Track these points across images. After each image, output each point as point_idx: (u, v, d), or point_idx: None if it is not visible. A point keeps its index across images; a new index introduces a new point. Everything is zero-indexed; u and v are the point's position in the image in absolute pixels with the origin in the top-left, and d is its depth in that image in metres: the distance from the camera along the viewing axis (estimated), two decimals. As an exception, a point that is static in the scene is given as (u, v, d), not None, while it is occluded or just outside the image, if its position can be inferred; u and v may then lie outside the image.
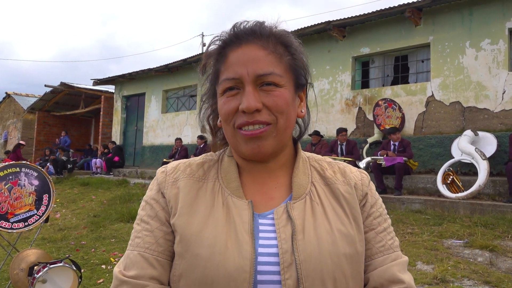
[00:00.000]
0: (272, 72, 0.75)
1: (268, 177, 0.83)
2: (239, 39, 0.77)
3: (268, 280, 0.71)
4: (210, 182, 0.81)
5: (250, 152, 0.76)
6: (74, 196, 9.13)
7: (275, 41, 0.78)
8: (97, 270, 4.16)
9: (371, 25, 8.32)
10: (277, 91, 0.75)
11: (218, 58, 0.79)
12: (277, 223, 0.75)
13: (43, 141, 17.40)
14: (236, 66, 0.75)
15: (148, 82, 13.39)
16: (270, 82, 0.75)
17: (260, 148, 0.75)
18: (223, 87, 0.77)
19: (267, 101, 0.75)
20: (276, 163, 0.83)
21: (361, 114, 8.38)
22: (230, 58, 0.77)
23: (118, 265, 0.78)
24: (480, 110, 6.91)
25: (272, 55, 0.76)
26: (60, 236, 5.69)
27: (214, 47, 0.80)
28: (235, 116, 0.75)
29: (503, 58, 6.73)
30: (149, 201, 0.82)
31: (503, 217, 4.93)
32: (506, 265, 3.65)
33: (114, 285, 0.75)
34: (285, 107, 0.76)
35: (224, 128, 0.80)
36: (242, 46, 0.76)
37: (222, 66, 0.78)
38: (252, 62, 0.74)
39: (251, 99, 0.73)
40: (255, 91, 0.74)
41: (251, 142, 0.75)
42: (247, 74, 0.74)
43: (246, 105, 0.73)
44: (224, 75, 0.77)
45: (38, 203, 3.53)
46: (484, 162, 5.91)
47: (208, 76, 0.83)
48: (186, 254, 0.73)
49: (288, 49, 0.79)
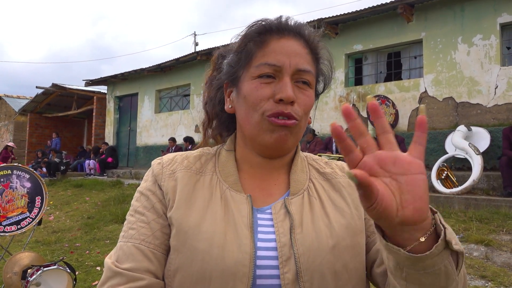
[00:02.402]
0: (310, 71, 0.76)
1: (268, 173, 0.81)
2: (282, 30, 0.76)
3: (267, 274, 0.70)
4: (208, 175, 0.79)
5: (274, 141, 0.74)
6: (68, 198, 9.05)
7: (312, 45, 0.79)
8: (91, 272, 4.12)
9: (364, 22, 8.33)
10: (309, 91, 0.76)
11: (256, 41, 0.76)
12: (275, 217, 0.74)
13: (35, 143, 17.23)
14: (278, 54, 0.74)
15: (141, 82, 13.32)
16: (306, 80, 0.75)
17: (286, 138, 0.74)
18: (260, 71, 0.74)
19: (300, 97, 0.75)
20: (280, 162, 0.82)
21: (355, 111, 8.38)
22: (272, 45, 0.75)
23: (109, 257, 0.75)
24: (473, 105, 6.95)
25: (310, 56, 0.78)
26: (54, 238, 5.63)
27: (254, 29, 0.77)
28: (266, 104, 0.73)
29: (495, 53, 6.77)
30: (144, 192, 0.79)
31: (497, 211, 4.95)
32: (501, 259, 3.67)
33: (106, 276, 0.71)
34: (310, 109, 0.77)
35: (246, 115, 0.76)
36: (285, 37, 0.76)
37: (260, 51, 0.75)
38: (295, 55, 0.75)
39: (290, 90, 0.72)
40: (291, 83, 0.74)
41: (280, 131, 0.74)
42: (289, 65, 0.74)
43: (286, 95, 0.72)
44: (262, 59, 0.75)
45: (31, 206, 3.49)
46: (478, 157, 5.95)
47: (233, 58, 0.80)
48: (183, 247, 0.71)
49: (319, 56, 0.81)
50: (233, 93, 0.81)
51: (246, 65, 0.77)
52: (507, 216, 4.78)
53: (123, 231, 0.77)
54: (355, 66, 8.87)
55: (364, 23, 8.33)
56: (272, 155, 0.80)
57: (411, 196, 0.53)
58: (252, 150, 0.80)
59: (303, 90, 0.75)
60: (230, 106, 0.81)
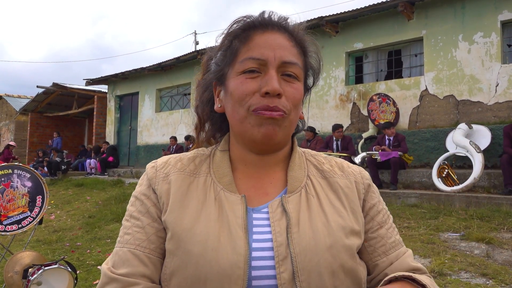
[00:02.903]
0: (296, 63, 0.75)
1: (263, 172, 0.81)
2: (266, 24, 0.76)
3: (263, 275, 0.69)
4: (202, 176, 0.79)
5: (262, 135, 0.73)
6: (69, 197, 9.06)
7: (297, 38, 0.78)
8: (92, 271, 4.12)
9: (364, 20, 8.31)
10: (296, 84, 0.76)
11: (240, 37, 0.76)
12: (272, 216, 0.73)
13: (36, 142, 17.25)
14: (262, 48, 0.74)
15: (141, 81, 13.32)
16: (291, 73, 0.74)
17: (274, 131, 0.73)
18: (244, 67, 0.74)
19: (287, 90, 0.74)
20: (274, 158, 0.81)
21: (356, 109, 8.38)
22: (255, 40, 0.75)
23: (106, 262, 0.75)
24: (474, 103, 6.94)
25: (296, 48, 0.77)
26: (55, 237, 5.64)
27: (237, 26, 0.78)
28: (252, 98, 0.73)
29: (496, 51, 6.75)
30: (139, 196, 0.79)
31: (498, 209, 4.95)
32: (502, 257, 3.66)
33: (103, 282, 0.72)
34: (299, 101, 0.76)
35: (233, 112, 0.76)
36: (268, 31, 0.76)
37: (244, 46, 0.75)
38: (280, 48, 0.74)
39: (275, 82, 0.72)
40: (277, 76, 0.73)
41: (267, 124, 0.73)
42: (273, 58, 0.73)
43: (271, 87, 0.71)
44: (246, 54, 0.74)
45: (32, 205, 3.49)
46: (478, 155, 5.94)
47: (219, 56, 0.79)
48: (177, 251, 0.70)
49: (305, 49, 0.80)
50: (221, 92, 0.81)
51: (231, 62, 0.77)
52: (508, 214, 4.77)
53: (119, 237, 0.77)
54: (355, 64, 8.86)
55: (365, 21, 8.31)
56: (264, 151, 0.79)
57: None
58: (244, 147, 0.80)
59: (290, 83, 0.74)
60: (220, 105, 0.81)
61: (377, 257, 0.79)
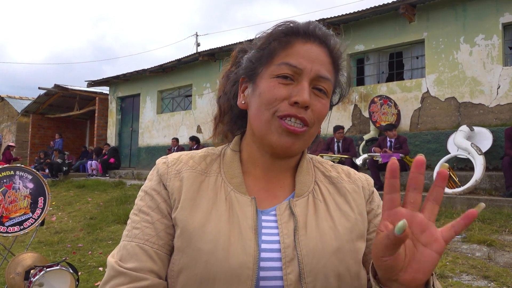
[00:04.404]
0: (330, 79, 0.76)
1: (273, 175, 0.81)
2: (309, 35, 0.77)
3: (271, 276, 0.70)
4: (213, 176, 0.79)
5: (281, 145, 0.74)
6: (70, 198, 9.07)
7: (335, 55, 0.79)
8: (94, 273, 4.12)
9: (365, 22, 8.32)
10: (325, 100, 0.77)
11: (281, 41, 0.77)
12: (280, 219, 0.74)
13: (38, 144, 17.27)
14: (301, 57, 0.74)
15: (143, 83, 13.34)
16: (323, 88, 0.75)
17: (293, 145, 0.74)
18: (279, 71, 0.74)
19: (315, 104, 0.75)
20: (286, 163, 0.82)
21: (357, 111, 8.38)
22: (296, 47, 0.75)
23: (112, 256, 0.74)
24: (475, 105, 6.93)
25: (331, 65, 0.78)
26: (57, 239, 5.65)
27: (280, 29, 0.78)
28: (280, 104, 0.73)
29: (497, 53, 6.75)
30: (149, 191, 0.79)
31: (500, 212, 4.94)
32: (504, 259, 3.66)
33: (109, 275, 0.71)
34: (323, 118, 0.78)
35: (257, 112, 0.76)
36: (310, 43, 0.76)
37: (283, 51, 0.76)
38: (318, 62, 0.75)
39: (307, 94, 0.72)
40: (309, 88, 0.74)
41: (287, 137, 0.73)
42: (310, 70, 0.74)
43: (302, 98, 0.72)
44: (284, 59, 0.75)
45: (34, 206, 3.50)
46: (480, 157, 5.93)
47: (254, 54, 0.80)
48: (187, 248, 0.71)
49: (339, 67, 0.81)
50: (248, 89, 0.81)
51: (267, 63, 0.77)
52: (509, 216, 4.77)
53: (127, 230, 0.76)
54: (357, 66, 8.87)
55: (366, 23, 8.32)
56: (278, 156, 0.80)
57: (419, 267, 0.58)
58: (259, 148, 0.80)
59: (320, 98, 0.75)
60: (244, 101, 0.81)
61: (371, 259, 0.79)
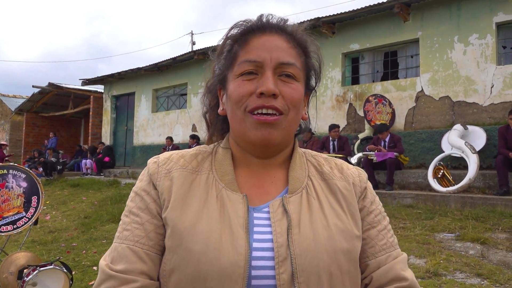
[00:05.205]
0: (294, 64, 0.76)
1: (265, 171, 0.81)
2: (264, 28, 0.77)
3: (263, 275, 0.69)
4: (204, 174, 0.79)
5: (259, 139, 0.74)
6: (64, 197, 9.02)
7: (297, 39, 0.79)
8: (88, 272, 4.11)
9: (361, 21, 8.34)
10: (295, 84, 0.76)
11: (239, 41, 0.78)
12: (273, 216, 0.74)
13: (32, 142, 17.16)
14: (259, 50, 0.75)
15: (138, 81, 13.28)
16: (289, 73, 0.75)
17: (270, 135, 0.74)
18: (241, 70, 0.75)
19: (284, 90, 0.75)
20: (276, 160, 0.82)
21: (352, 110, 8.40)
22: (253, 43, 0.76)
23: (104, 258, 0.75)
24: (469, 104, 6.97)
25: (294, 49, 0.77)
26: (51, 238, 5.62)
27: (236, 30, 0.79)
28: (248, 99, 0.74)
29: (491, 52, 6.79)
30: (139, 192, 0.79)
31: (493, 210, 4.98)
32: (497, 257, 3.68)
33: (100, 279, 0.72)
34: (298, 101, 0.76)
35: (231, 114, 0.78)
36: (266, 34, 0.77)
37: (242, 50, 0.77)
38: (276, 50, 0.75)
39: (270, 83, 0.73)
40: (273, 77, 0.74)
41: (262, 128, 0.74)
42: (269, 60, 0.74)
43: (266, 88, 0.72)
44: (244, 57, 0.76)
45: (27, 205, 3.48)
46: (474, 155, 5.97)
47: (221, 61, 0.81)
48: (178, 248, 0.70)
49: (306, 50, 0.80)
50: (224, 95, 0.82)
51: (231, 65, 0.78)
52: (502, 214, 4.80)
53: (118, 232, 0.77)
54: (352, 65, 8.88)
55: (361, 22, 8.34)
56: (264, 155, 0.79)
57: None
58: (245, 150, 0.80)
59: (288, 83, 0.75)
60: (222, 108, 0.82)
61: (365, 258, 0.79)
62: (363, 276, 0.79)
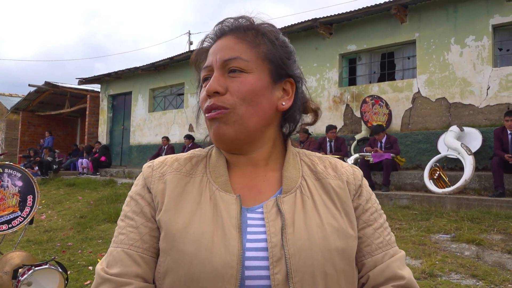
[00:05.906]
0: (238, 57, 0.76)
1: (257, 171, 0.81)
2: (216, 36, 0.82)
3: (256, 275, 0.69)
4: (198, 176, 0.79)
5: (213, 135, 0.78)
6: (60, 197, 8.99)
7: (254, 32, 0.79)
8: (84, 272, 4.09)
9: (358, 23, 8.36)
10: (242, 77, 0.76)
11: (204, 57, 0.83)
12: (267, 216, 0.74)
13: (27, 141, 17.08)
14: (210, 56, 0.80)
15: (135, 81, 13.26)
16: (235, 67, 0.76)
17: (220, 129, 0.76)
18: (202, 77, 0.81)
19: (231, 86, 0.76)
20: (259, 155, 0.81)
21: (349, 111, 8.42)
22: (209, 52, 0.81)
23: (100, 263, 0.76)
24: (466, 106, 7.00)
25: (244, 43, 0.78)
26: (46, 237, 5.59)
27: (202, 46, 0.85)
28: (205, 103, 0.78)
29: (487, 54, 6.82)
30: (134, 196, 0.80)
31: (488, 211, 5.00)
32: (492, 258, 3.70)
33: (96, 283, 0.72)
34: (249, 93, 0.75)
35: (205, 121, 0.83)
36: (219, 40, 0.80)
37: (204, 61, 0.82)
38: (222, 50, 0.78)
39: (212, 82, 0.76)
40: (220, 76, 0.76)
41: (214, 125, 0.77)
42: (216, 61, 0.77)
43: (207, 89, 0.76)
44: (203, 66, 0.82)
45: (22, 205, 3.46)
46: (469, 157, 5.99)
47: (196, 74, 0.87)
48: (171, 250, 0.71)
49: (266, 39, 0.79)
50: None
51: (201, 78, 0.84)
52: (498, 215, 4.82)
53: (114, 236, 0.78)
54: (349, 66, 8.90)
55: (358, 24, 8.36)
56: (233, 150, 0.81)
57: None
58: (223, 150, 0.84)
59: (235, 78, 0.76)
60: None
61: (361, 257, 0.79)
62: (359, 276, 0.79)
